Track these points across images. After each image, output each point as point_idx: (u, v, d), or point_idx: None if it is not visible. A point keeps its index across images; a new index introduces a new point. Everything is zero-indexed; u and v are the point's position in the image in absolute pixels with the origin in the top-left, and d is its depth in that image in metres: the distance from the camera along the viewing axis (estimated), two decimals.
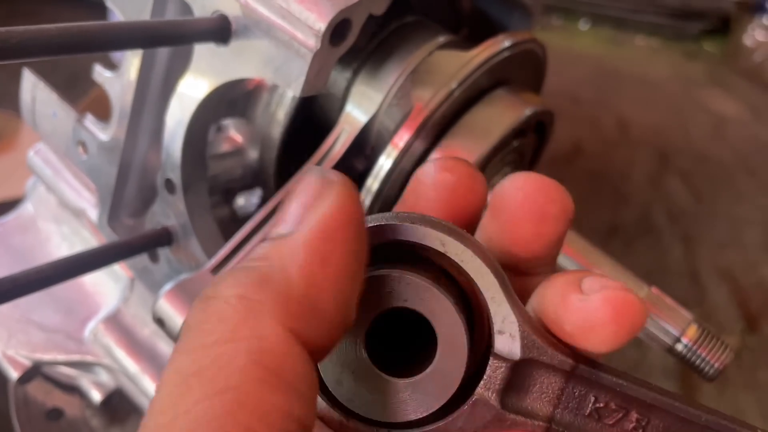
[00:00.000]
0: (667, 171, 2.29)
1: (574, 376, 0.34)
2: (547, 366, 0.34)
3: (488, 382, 0.33)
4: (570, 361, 0.34)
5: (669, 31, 2.82)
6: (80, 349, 0.71)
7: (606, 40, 2.77)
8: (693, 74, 2.68)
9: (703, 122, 2.56)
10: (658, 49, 2.78)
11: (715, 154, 2.43)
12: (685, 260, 1.98)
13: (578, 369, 0.34)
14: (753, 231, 2.14)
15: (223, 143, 0.71)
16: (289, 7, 0.52)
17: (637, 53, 2.77)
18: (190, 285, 0.58)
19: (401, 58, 0.62)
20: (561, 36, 2.74)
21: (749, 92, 2.67)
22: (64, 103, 0.69)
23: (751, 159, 2.43)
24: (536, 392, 0.34)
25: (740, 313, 1.90)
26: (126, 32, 0.50)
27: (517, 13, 0.74)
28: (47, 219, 0.77)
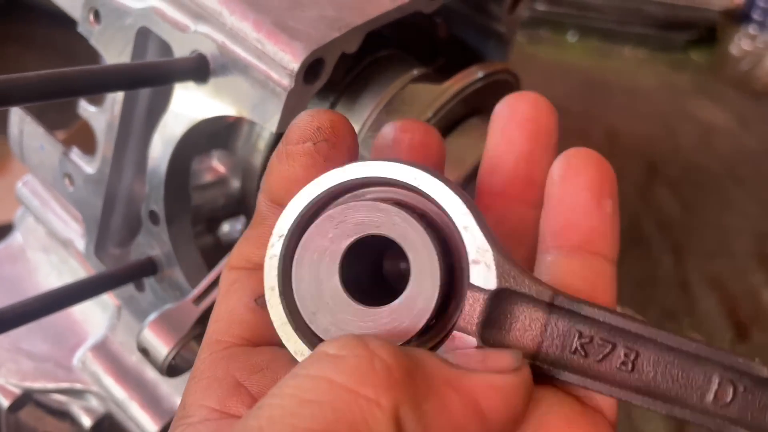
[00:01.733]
0: (656, 181, 2.31)
1: (556, 310, 0.34)
2: (526, 298, 0.34)
3: (467, 316, 0.33)
4: (549, 292, 0.34)
5: (656, 41, 2.84)
6: (69, 377, 0.73)
7: (594, 52, 2.80)
8: (680, 84, 2.71)
9: (691, 132, 2.58)
10: (645, 60, 2.80)
11: (704, 164, 2.45)
12: (675, 270, 2.00)
13: (558, 299, 0.34)
14: (742, 240, 2.16)
15: (206, 173, 0.72)
16: (264, 48, 0.53)
17: (625, 64, 2.79)
18: (173, 315, 0.60)
19: (376, 91, 0.64)
20: (549, 48, 2.76)
21: (737, 101, 2.69)
22: (50, 137, 0.71)
23: (739, 168, 2.45)
24: (519, 328, 0.34)
25: (730, 322, 1.91)
26: (106, 76, 0.52)
27: (493, 41, 0.76)
28: (36, 249, 0.79)
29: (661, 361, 0.33)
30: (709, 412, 0.33)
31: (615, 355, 0.34)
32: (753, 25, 2.75)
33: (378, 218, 0.33)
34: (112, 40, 0.61)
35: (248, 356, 0.36)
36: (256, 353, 0.36)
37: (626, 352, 0.34)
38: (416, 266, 0.33)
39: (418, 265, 0.33)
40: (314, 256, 0.33)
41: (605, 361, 0.34)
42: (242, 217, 0.76)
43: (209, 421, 0.33)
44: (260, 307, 0.36)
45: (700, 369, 0.33)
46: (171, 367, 0.59)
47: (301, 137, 0.37)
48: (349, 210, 0.33)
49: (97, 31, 0.62)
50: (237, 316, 0.37)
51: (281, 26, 0.54)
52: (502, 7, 0.70)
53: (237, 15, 0.55)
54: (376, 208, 0.33)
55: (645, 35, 2.79)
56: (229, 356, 0.36)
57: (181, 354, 0.59)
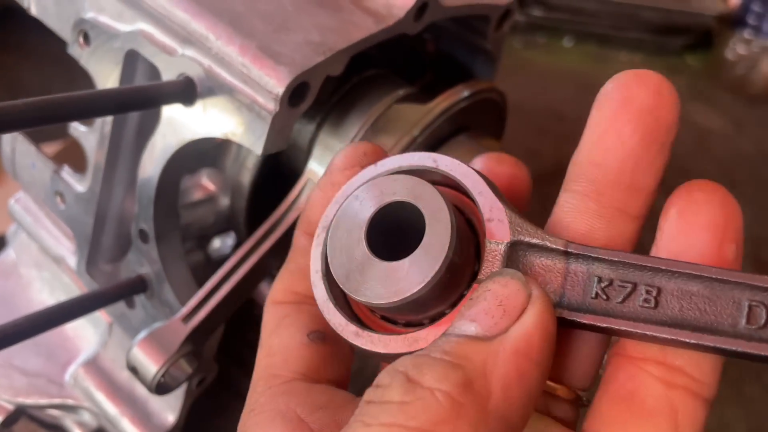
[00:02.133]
0: None
1: (573, 257, 0.34)
2: (541, 249, 0.35)
3: (487, 269, 0.35)
4: (561, 240, 0.34)
5: (652, 46, 2.85)
6: (61, 393, 0.73)
7: (590, 57, 2.81)
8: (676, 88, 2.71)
9: (687, 136, 2.59)
10: (641, 65, 2.81)
11: (699, 168, 2.46)
12: None
13: (572, 246, 0.34)
14: None
15: (196, 191, 0.73)
16: (249, 72, 0.54)
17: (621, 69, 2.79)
18: (162, 333, 0.60)
19: (362, 111, 0.65)
20: (545, 54, 2.77)
21: (732, 105, 2.70)
22: (42, 155, 0.72)
23: (735, 172, 2.46)
24: (540, 280, 0.35)
25: None
26: (95, 101, 0.52)
27: (480, 57, 0.76)
28: (29, 265, 0.79)
29: (686, 293, 0.33)
30: (744, 336, 0.31)
31: (636, 294, 0.33)
32: (748, 29, 2.76)
33: (394, 187, 0.35)
34: (101, 62, 0.62)
35: (308, 393, 0.37)
36: (315, 391, 0.37)
37: (648, 289, 0.33)
38: (430, 218, 0.34)
39: (431, 217, 0.34)
40: (345, 230, 0.36)
41: (627, 301, 0.33)
42: (232, 233, 0.77)
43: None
44: (314, 342, 0.39)
45: (727, 294, 0.32)
46: (160, 385, 0.60)
47: (348, 163, 0.40)
48: (370, 187, 0.36)
49: (87, 53, 0.63)
50: (292, 351, 0.38)
51: (266, 51, 0.54)
52: (488, 24, 0.71)
53: (223, 39, 0.56)
54: (392, 180, 0.36)
55: (641, 40, 2.80)
56: (289, 391, 0.37)
57: (170, 372, 0.60)
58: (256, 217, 0.71)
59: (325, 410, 0.36)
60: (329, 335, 0.39)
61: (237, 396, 0.83)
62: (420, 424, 0.28)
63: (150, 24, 0.59)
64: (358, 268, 0.35)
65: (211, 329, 0.64)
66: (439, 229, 0.34)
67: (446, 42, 0.78)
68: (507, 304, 0.31)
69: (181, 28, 0.57)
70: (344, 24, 0.58)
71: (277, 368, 0.38)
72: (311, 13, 0.59)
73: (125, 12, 0.60)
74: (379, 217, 0.36)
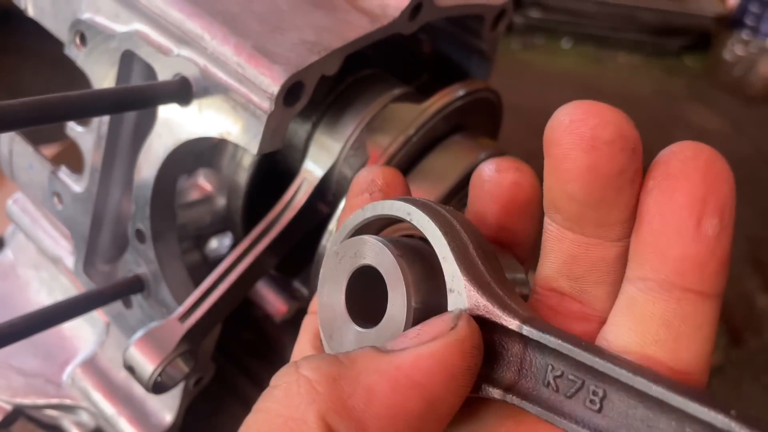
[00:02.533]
0: None
1: (531, 343, 0.33)
2: (499, 327, 0.34)
3: None
4: (516, 321, 0.33)
5: (650, 47, 2.86)
6: (59, 393, 0.73)
7: (588, 59, 2.81)
8: (674, 90, 2.72)
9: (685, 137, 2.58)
10: (639, 66, 2.82)
11: None
12: None
13: (525, 329, 0.33)
14: (735, 245, 2.17)
15: (192, 191, 0.73)
16: (244, 71, 0.54)
17: (619, 70, 2.81)
18: (158, 333, 0.61)
19: (357, 111, 0.65)
20: (544, 55, 2.78)
21: (730, 106, 2.70)
22: (39, 156, 0.72)
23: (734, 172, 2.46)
24: (498, 359, 0.34)
25: (724, 328, 1.92)
26: (91, 101, 0.53)
27: (476, 57, 0.77)
28: (26, 265, 0.80)
29: (629, 404, 0.30)
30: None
31: (583, 392, 0.32)
32: (746, 30, 2.77)
33: (364, 250, 0.37)
34: (97, 62, 0.63)
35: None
36: None
37: (594, 390, 0.31)
38: (391, 290, 0.35)
39: (392, 288, 0.35)
40: (329, 287, 0.38)
41: (575, 398, 0.32)
42: (229, 233, 0.77)
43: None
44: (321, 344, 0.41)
45: (668, 418, 0.29)
46: (157, 385, 0.60)
47: (359, 190, 0.42)
48: (346, 245, 0.37)
49: (83, 53, 0.63)
50: (304, 352, 0.42)
51: (261, 50, 0.55)
52: (483, 24, 0.71)
53: (218, 39, 0.56)
54: (362, 242, 0.37)
55: (639, 41, 2.81)
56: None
57: (166, 371, 0.60)
58: (252, 216, 0.71)
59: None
60: None
61: (234, 395, 0.83)
62: (278, 407, 0.30)
63: (146, 24, 0.59)
64: (339, 328, 0.37)
65: (208, 329, 0.64)
66: (398, 306, 0.35)
67: (442, 42, 0.78)
68: (424, 330, 0.32)
69: (177, 28, 0.58)
70: (339, 23, 0.58)
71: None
72: (306, 12, 0.59)
73: (121, 12, 0.61)
74: (357, 275, 0.37)
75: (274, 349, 0.85)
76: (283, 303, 0.79)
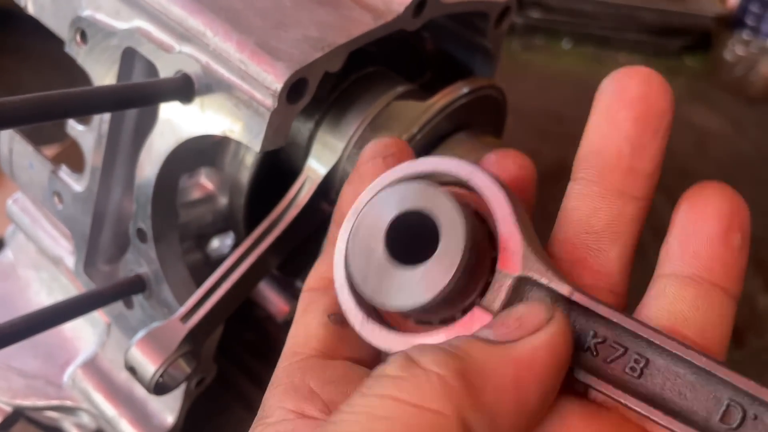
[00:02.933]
0: None
1: (575, 307, 0.35)
2: (546, 290, 0.35)
3: (492, 296, 0.36)
4: (567, 286, 0.35)
5: (650, 47, 2.85)
6: (60, 395, 0.73)
7: (589, 59, 2.80)
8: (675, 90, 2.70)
9: (686, 137, 2.58)
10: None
11: (699, 169, 2.45)
12: None
13: (575, 295, 0.35)
14: None
15: (194, 190, 0.73)
16: (247, 68, 0.54)
17: None
18: (160, 333, 0.60)
19: (361, 109, 0.64)
20: (544, 56, 2.76)
21: (731, 106, 2.69)
22: (39, 155, 0.72)
23: (735, 173, 2.45)
24: None
25: None
26: (92, 98, 0.52)
27: (480, 55, 0.76)
28: (27, 266, 0.79)
29: (670, 373, 0.33)
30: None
31: (625, 359, 0.34)
32: (746, 30, 2.76)
33: (414, 194, 0.36)
34: (98, 60, 0.62)
35: (323, 368, 0.40)
36: (331, 366, 0.40)
37: (636, 358, 0.34)
38: (445, 232, 0.35)
39: (446, 231, 0.35)
40: (365, 233, 0.37)
41: (614, 363, 0.34)
42: (231, 232, 0.76)
43: (286, 420, 0.37)
44: (334, 324, 0.41)
45: (710, 387, 0.32)
46: (158, 385, 0.60)
47: (371, 155, 0.43)
48: (393, 191, 0.37)
49: (84, 51, 0.63)
50: (312, 330, 0.41)
51: (264, 47, 0.54)
52: (487, 22, 0.71)
53: (220, 36, 0.55)
54: (413, 187, 0.36)
55: (639, 42, 2.79)
56: (305, 366, 0.40)
57: (168, 372, 0.60)
58: (254, 215, 0.70)
59: (338, 384, 0.39)
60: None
61: (236, 396, 0.82)
62: (409, 397, 0.29)
63: (147, 21, 0.59)
64: (375, 271, 0.36)
65: (210, 329, 0.63)
66: (452, 245, 0.34)
67: (445, 40, 0.77)
68: (524, 320, 0.33)
69: (178, 24, 0.57)
70: (343, 20, 0.58)
71: (298, 346, 0.42)
72: (309, 9, 0.58)
73: (122, 9, 0.60)
74: (399, 221, 0.36)
75: (277, 349, 0.84)
76: (286, 303, 0.78)
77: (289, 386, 0.39)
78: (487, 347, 0.32)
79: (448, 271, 0.34)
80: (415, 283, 0.35)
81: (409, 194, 0.36)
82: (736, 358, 1.85)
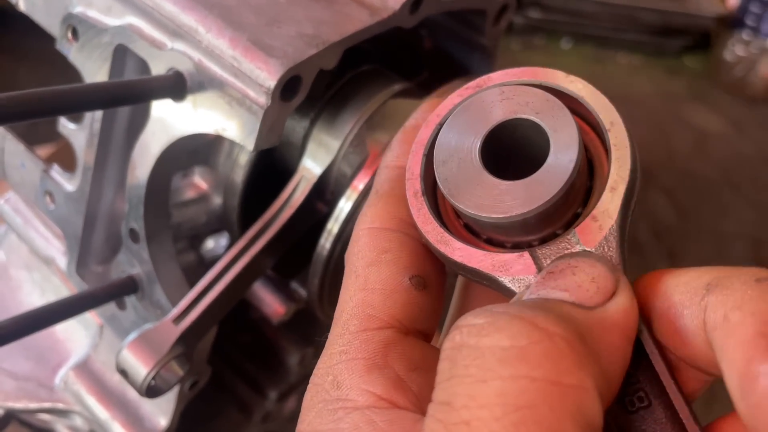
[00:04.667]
0: (651, 188, 2.31)
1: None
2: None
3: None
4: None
5: (650, 48, 2.85)
6: (51, 397, 0.72)
7: (588, 59, 2.80)
8: (675, 90, 2.71)
9: (686, 138, 2.58)
10: (640, 66, 2.81)
11: (699, 170, 2.45)
12: None
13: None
14: (738, 245, 2.15)
15: (187, 190, 0.72)
16: (240, 65, 0.53)
17: (620, 70, 2.80)
18: (152, 335, 0.59)
19: (357, 107, 0.63)
20: (544, 55, 2.76)
21: (731, 106, 2.69)
22: (31, 154, 0.71)
23: (735, 173, 2.45)
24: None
25: None
26: (84, 96, 0.51)
27: (477, 53, 0.75)
28: (19, 266, 0.78)
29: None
30: None
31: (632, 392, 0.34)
32: (746, 30, 2.76)
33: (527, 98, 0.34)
34: (90, 57, 0.61)
35: (404, 347, 0.35)
36: (411, 347, 0.36)
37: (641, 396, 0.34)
38: (555, 143, 0.33)
39: (558, 144, 0.33)
40: (460, 132, 0.35)
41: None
42: (225, 233, 0.75)
43: (378, 409, 0.32)
44: (416, 289, 0.37)
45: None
46: (150, 388, 0.59)
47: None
48: (502, 91, 0.34)
49: (75, 48, 0.62)
50: (392, 293, 0.36)
51: (258, 43, 0.53)
52: (485, 19, 0.70)
53: (213, 32, 0.54)
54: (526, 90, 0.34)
55: (639, 42, 2.80)
56: (386, 343, 0.35)
57: (160, 375, 0.59)
58: (249, 215, 0.69)
59: (422, 370, 0.35)
60: (431, 282, 0.38)
61: (231, 399, 0.81)
62: (545, 374, 0.26)
63: (139, 18, 0.58)
64: (469, 181, 0.34)
65: (203, 331, 0.62)
66: (564, 160, 0.33)
67: (443, 38, 0.76)
68: (599, 283, 0.32)
69: (170, 21, 0.56)
70: (338, 16, 0.57)
71: (376, 308, 0.36)
72: (304, 5, 0.57)
73: (114, 6, 0.59)
74: (499, 129, 0.34)
75: (272, 351, 0.84)
76: (281, 304, 0.77)
77: (371, 365, 0.34)
78: (583, 312, 0.30)
79: (558, 182, 0.33)
80: (520, 193, 0.33)
81: (519, 98, 0.34)
82: None
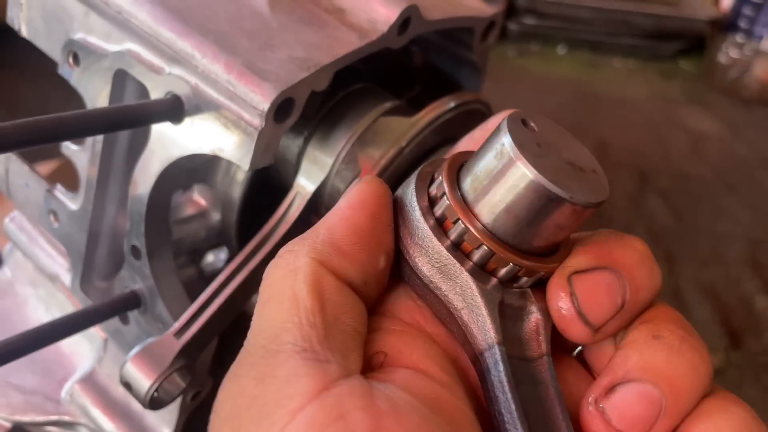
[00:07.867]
0: (647, 190, 2.33)
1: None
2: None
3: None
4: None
5: (645, 52, 2.87)
6: (58, 410, 0.74)
7: (584, 64, 2.82)
8: (670, 93, 2.73)
9: (682, 140, 2.60)
10: (635, 70, 2.83)
11: (695, 172, 2.47)
12: (668, 279, 2.01)
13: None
14: (734, 247, 2.17)
15: (187, 207, 0.74)
16: (235, 89, 0.55)
17: (615, 75, 2.82)
18: (154, 349, 0.61)
19: (349, 125, 0.66)
20: (539, 62, 2.79)
21: (726, 109, 2.71)
22: (35, 174, 0.73)
23: (731, 175, 2.47)
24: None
25: (724, 330, 1.92)
26: (84, 121, 0.53)
27: (467, 69, 0.77)
28: (24, 283, 0.80)
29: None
30: None
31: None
32: (740, 33, 2.78)
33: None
34: (91, 81, 0.63)
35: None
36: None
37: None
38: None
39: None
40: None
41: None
42: (224, 247, 0.77)
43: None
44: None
45: None
46: (154, 400, 0.61)
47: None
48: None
49: (77, 73, 0.64)
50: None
51: (251, 68, 0.55)
52: (473, 36, 0.72)
53: (209, 57, 0.56)
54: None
55: (634, 46, 2.82)
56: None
57: (163, 387, 0.61)
58: (247, 231, 0.71)
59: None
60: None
61: None
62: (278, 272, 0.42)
63: (137, 44, 0.60)
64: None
65: (205, 343, 0.64)
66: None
67: (433, 54, 0.79)
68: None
69: (168, 47, 0.58)
70: (328, 40, 0.59)
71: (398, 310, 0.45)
72: (296, 30, 0.60)
73: (113, 32, 0.61)
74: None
75: None
76: None
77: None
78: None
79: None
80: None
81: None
82: (733, 360, 1.85)
